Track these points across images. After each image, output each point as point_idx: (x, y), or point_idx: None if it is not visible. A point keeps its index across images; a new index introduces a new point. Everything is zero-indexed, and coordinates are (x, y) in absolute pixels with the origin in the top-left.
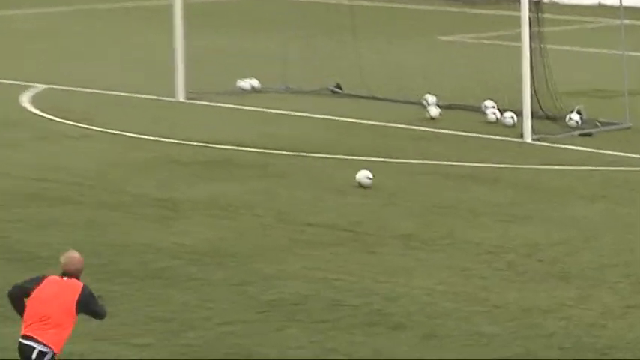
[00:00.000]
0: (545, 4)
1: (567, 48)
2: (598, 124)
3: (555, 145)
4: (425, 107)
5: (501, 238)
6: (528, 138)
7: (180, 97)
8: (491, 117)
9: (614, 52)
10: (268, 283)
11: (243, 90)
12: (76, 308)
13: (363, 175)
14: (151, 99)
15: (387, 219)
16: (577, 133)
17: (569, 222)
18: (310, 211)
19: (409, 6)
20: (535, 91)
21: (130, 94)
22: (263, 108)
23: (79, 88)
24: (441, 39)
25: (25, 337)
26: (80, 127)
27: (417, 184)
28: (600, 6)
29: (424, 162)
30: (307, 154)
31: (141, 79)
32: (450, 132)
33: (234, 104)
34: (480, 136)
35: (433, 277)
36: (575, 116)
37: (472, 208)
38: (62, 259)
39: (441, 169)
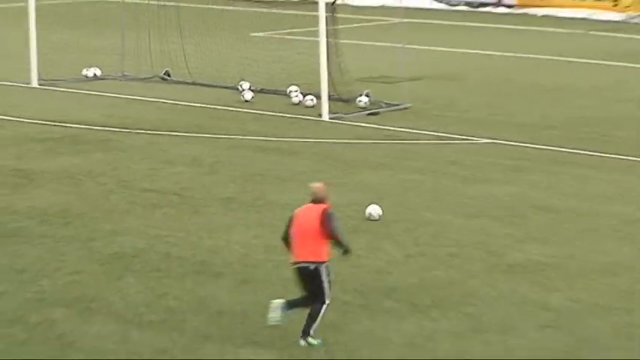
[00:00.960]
0: (339, 5)
1: (357, 42)
2: (383, 104)
3: (348, 123)
4: (240, 92)
5: (304, 201)
6: (326, 117)
7: (34, 83)
8: (295, 99)
9: (396, 45)
10: (110, 239)
11: (87, 78)
12: (320, 221)
13: (374, 211)
14: (9, 85)
15: (211, 185)
16: (366, 112)
17: (359, 186)
18: (146, 179)
19: (226, 7)
20: (331, 78)
21: None
22: (104, 93)
23: None
24: (252, 35)
25: (296, 262)
26: None
27: (234, 156)
28: (384, 7)
29: (241, 137)
30: (143, 132)
31: (1, 69)
32: (262, 112)
33: (80, 90)
34: (286, 115)
35: (249, 232)
36: (364, 98)
37: (280, 175)
38: (312, 189)
39: (254, 143)
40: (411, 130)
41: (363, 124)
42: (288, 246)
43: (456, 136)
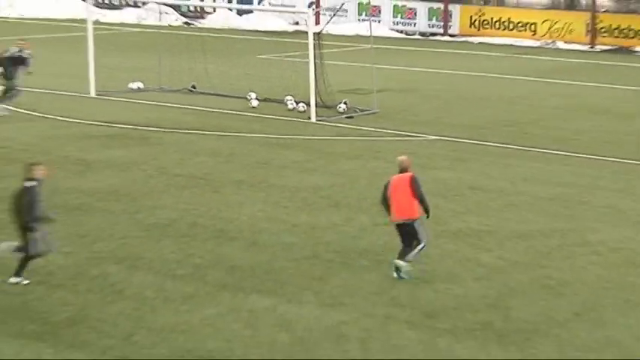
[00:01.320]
0: (323, 34)
1: (338, 62)
2: (357, 110)
3: (331, 124)
4: (249, 100)
5: (298, 183)
6: (314, 119)
7: (92, 94)
8: (290, 106)
9: (367, 65)
10: (150, 212)
11: (132, 90)
12: (410, 185)
13: None
14: (73, 95)
15: (227, 171)
16: (344, 116)
17: (339, 172)
18: (177, 166)
19: (237, 36)
20: (318, 90)
21: (61, 93)
22: (146, 101)
23: (27, 89)
24: (258, 57)
25: (399, 219)
26: (27, 114)
27: (245, 149)
28: (358, 35)
29: (250, 135)
30: (175, 130)
31: (67, 83)
32: (265, 115)
33: (127, 99)
34: (283, 118)
35: (255, 207)
36: (343, 105)
37: (279, 164)
38: (398, 161)
39: (260, 139)
40: (378, 129)
41: (342, 125)
42: (387, 209)
43: (413, 134)
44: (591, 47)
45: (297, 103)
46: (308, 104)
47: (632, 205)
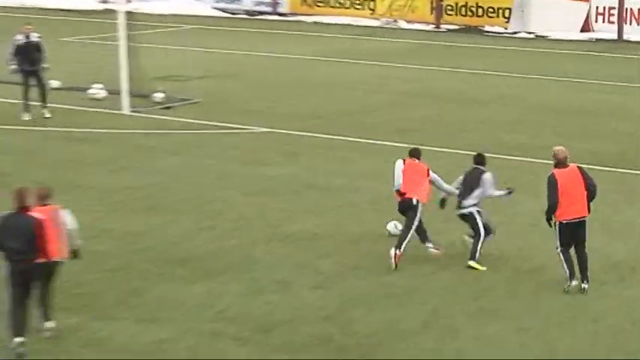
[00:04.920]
0: (136, 13)
1: (153, 45)
2: (176, 100)
3: (146, 116)
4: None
5: (109, 183)
6: (127, 110)
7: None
8: (100, 95)
9: (185, 47)
10: None
11: None
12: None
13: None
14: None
15: (25, 171)
16: (161, 106)
17: (157, 170)
18: None
19: (39, 15)
20: (131, 76)
21: None
22: None
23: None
24: (62, 39)
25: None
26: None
27: (45, 145)
28: (176, 15)
29: (49, 129)
30: None
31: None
32: (68, 106)
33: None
34: (90, 109)
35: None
36: (159, 94)
37: (87, 162)
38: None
39: (62, 134)
40: (200, 122)
41: (159, 117)
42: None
43: (239, 126)
44: (436, 27)
45: (108, 92)
46: (120, 93)
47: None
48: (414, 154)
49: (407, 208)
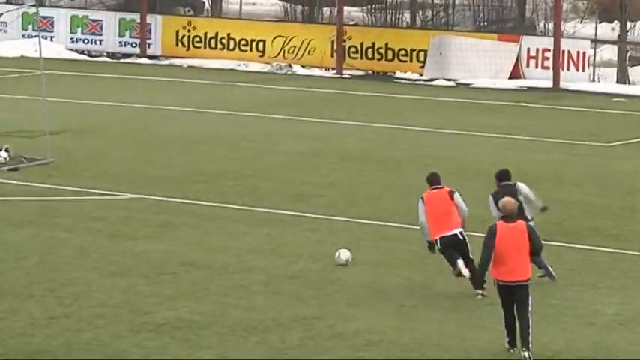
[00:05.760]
0: None
1: None
2: (24, 160)
3: None
4: None
5: None
6: None
7: None
8: None
9: (36, 97)
10: None
11: None
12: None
13: (345, 257)
14: None
15: None
16: (5, 168)
17: (1, 245)
18: None
19: None
20: None
21: None
22: None
23: None
24: None
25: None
26: None
27: None
28: (23, 57)
29: None
30: None
31: None
32: None
33: None
34: None
35: None
36: (3, 154)
37: None
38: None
39: None
40: (54, 187)
41: (3, 181)
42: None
43: (101, 192)
44: (338, 73)
45: None
46: None
47: (394, 281)
48: (432, 180)
49: (455, 244)
